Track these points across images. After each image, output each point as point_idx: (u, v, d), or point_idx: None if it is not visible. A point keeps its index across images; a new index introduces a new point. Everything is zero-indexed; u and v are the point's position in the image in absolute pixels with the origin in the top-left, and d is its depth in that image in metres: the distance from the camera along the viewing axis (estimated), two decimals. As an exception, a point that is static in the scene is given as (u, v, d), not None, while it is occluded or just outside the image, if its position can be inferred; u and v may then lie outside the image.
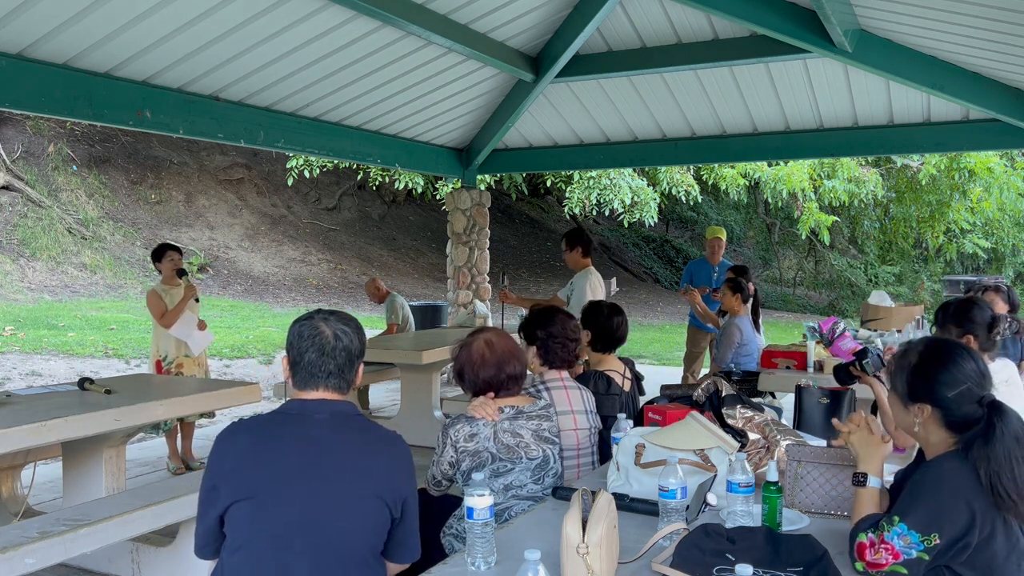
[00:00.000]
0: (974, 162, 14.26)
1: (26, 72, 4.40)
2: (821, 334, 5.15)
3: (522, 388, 2.79)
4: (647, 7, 6.24)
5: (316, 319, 2.04)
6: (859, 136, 7.03)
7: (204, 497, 1.94)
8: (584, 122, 7.76)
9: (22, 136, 16.71)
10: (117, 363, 10.40)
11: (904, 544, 1.76)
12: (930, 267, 21.29)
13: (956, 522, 1.74)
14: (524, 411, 2.68)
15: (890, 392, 2.01)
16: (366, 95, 6.38)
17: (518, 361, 2.74)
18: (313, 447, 1.92)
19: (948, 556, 1.76)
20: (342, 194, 21.51)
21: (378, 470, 1.96)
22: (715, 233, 7.54)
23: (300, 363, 2.01)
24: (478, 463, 2.58)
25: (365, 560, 1.93)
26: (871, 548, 1.82)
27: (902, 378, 1.95)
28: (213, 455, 1.95)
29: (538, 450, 2.64)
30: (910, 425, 1.93)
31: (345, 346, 2.02)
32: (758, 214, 23.26)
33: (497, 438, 2.59)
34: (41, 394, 4.09)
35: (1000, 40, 4.69)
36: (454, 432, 2.59)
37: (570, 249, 5.81)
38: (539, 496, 2.64)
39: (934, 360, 1.91)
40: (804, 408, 3.40)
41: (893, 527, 1.79)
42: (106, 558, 3.86)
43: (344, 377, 2.03)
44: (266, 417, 1.99)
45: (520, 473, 2.60)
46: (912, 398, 1.91)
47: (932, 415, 1.89)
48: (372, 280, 7.87)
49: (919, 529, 1.76)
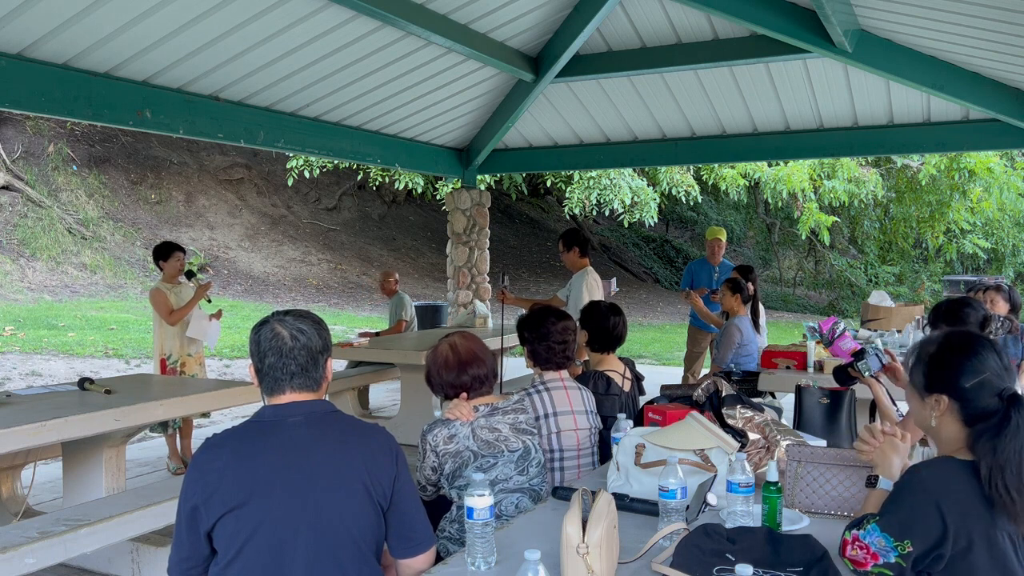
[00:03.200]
0: (974, 162, 14.28)
1: (26, 72, 4.40)
2: (821, 334, 5.14)
3: (492, 389, 2.82)
4: (647, 7, 6.25)
5: (272, 321, 1.99)
6: (859, 136, 7.03)
7: (185, 521, 1.88)
8: (584, 122, 7.76)
9: (22, 136, 16.72)
10: (117, 363, 10.40)
11: (880, 547, 1.75)
12: (930, 267, 21.28)
13: (928, 531, 1.70)
14: (499, 407, 2.72)
15: (908, 387, 1.96)
16: (366, 95, 6.38)
17: (483, 363, 2.77)
18: (293, 450, 1.89)
19: (925, 564, 1.73)
20: (342, 194, 21.52)
21: (360, 464, 1.94)
22: (715, 234, 7.54)
23: (262, 369, 1.97)
24: (460, 463, 2.59)
25: (360, 556, 1.93)
26: (850, 545, 1.81)
27: (920, 369, 1.89)
28: (190, 477, 1.88)
29: (518, 442, 2.68)
30: (927, 420, 1.88)
31: (304, 344, 1.96)
32: (758, 214, 23.26)
33: (476, 436, 2.62)
34: (41, 394, 4.09)
35: (1000, 40, 4.69)
36: (432, 437, 2.61)
37: (567, 250, 5.77)
38: (525, 487, 2.67)
39: (954, 349, 1.85)
40: (804, 408, 3.39)
41: (868, 526, 1.78)
42: (106, 558, 3.86)
43: (309, 375, 1.98)
44: (241, 429, 1.95)
45: (504, 466, 2.63)
46: (929, 388, 1.86)
47: (949, 407, 1.82)
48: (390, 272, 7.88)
49: (892, 533, 1.73)
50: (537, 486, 2.73)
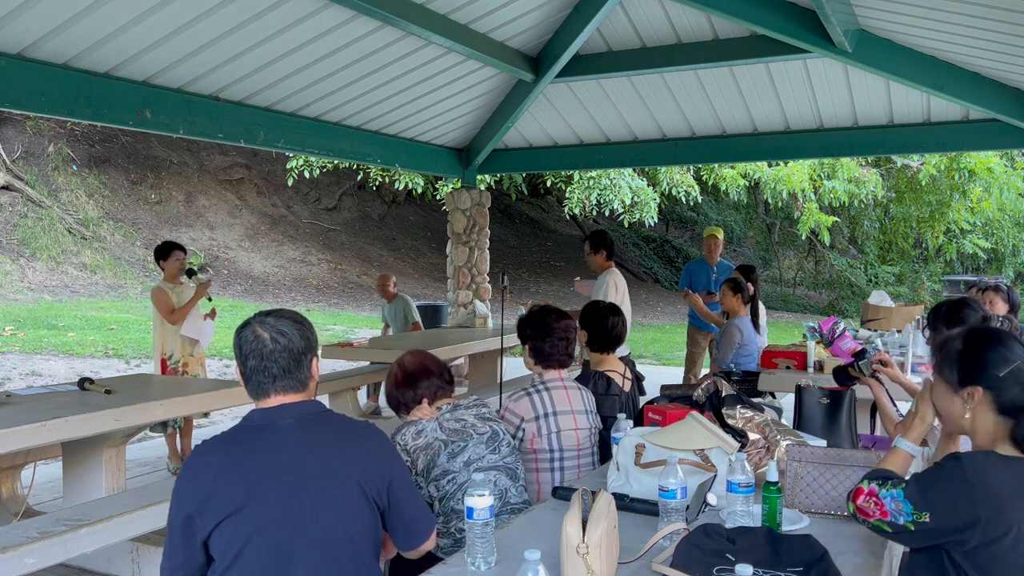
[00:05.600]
0: (974, 162, 14.28)
1: (26, 72, 4.40)
2: (821, 334, 5.14)
3: (451, 395, 2.92)
4: (647, 7, 6.25)
5: (253, 323, 1.96)
6: (859, 136, 7.03)
7: (180, 530, 1.85)
8: (584, 122, 7.76)
9: (22, 136, 16.72)
10: (117, 363, 10.40)
11: (895, 508, 1.79)
12: (930, 267, 21.29)
13: (954, 514, 1.73)
14: (461, 404, 2.84)
15: (934, 385, 2.00)
16: (366, 95, 6.38)
17: (432, 374, 2.87)
18: (286, 453, 1.88)
19: (943, 541, 1.75)
20: (342, 194, 21.52)
21: (354, 463, 1.93)
22: (711, 232, 7.53)
23: (246, 372, 1.95)
24: (432, 454, 2.65)
25: (358, 556, 1.93)
26: (865, 496, 1.86)
27: (951, 365, 1.93)
28: (182, 485, 1.86)
29: (485, 427, 2.77)
30: (959, 415, 1.92)
31: (285, 346, 1.93)
32: (758, 214, 23.26)
33: (443, 427, 2.72)
34: (41, 394, 4.09)
35: (1000, 40, 4.69)
36: (400, 438, 2.68)
37: (594, 252, 5.78)
38: (500, 466, 2.72)
39: (982, 342, 1.91)
40: (804, 408, 3.39)
41: (892, 489, 1.82)
42: (106, 558, 3.86)
43: (293, 377, 1.95)
44: (231, 434, 1.93)
45: (475, 447, 2.71)
46: (963, 382, 1.91)
47: (983, 399, 1.87)
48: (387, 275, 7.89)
49: (913, 502, 1.77)
50: (512, 464, 2.78)
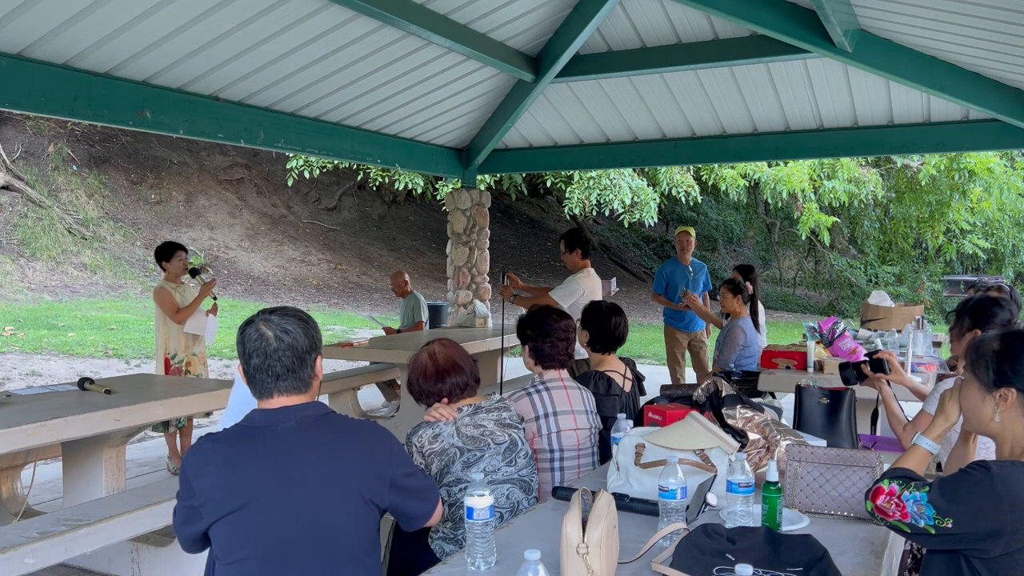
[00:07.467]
0: (974, 162, 14.28)
1: (26, 72, 4.40)
2: (821, 334, 5.14)
3: (474, 393, 2.84)
4: (647, 7, 6.24)
5: (257, 321, 1.94)
6: (859, 136, 7.03)
7: (184, 515, 1.88)
8: (584, 122, 7.75)
9: (22, 136, 16.72)
10: (117, 363, 10.40)
11: (917, 511, 1.77)
12: (930, 267, 21.28)
13: (978, 523, 1.71)
14: (482, 406, 2.74)
15: (965, 384, 1.99)
16: (366, 95, 6.38)
17: (462, 371, 2.78)
18: (285, 455, 1.88)
19: (963, 548, 1.74)
20: (342, 194, 21.52)
21: (354, 466, 1.92)
22: (683, 230, 7.49)
23: (249, 371, 1.93)
24: (447, 461, 2.60)
25: (356, 558, 1.92)
26: (885, 496, 1.84)
27: (985, 366, 1.93)
28: (187, 473, 1.87)
29: (503, 435, 2.70)
30: (988, 417, 1.92)
31: (289, 344, 1.91)
32: (758, 214, 23.24)
33: (460, 433, 2.64)
34: (41, 394, 4.09)
35: (1000, 40, 4.69)
36: (417, 439, 2.63)
37: (569, 251, 5.71)
38: (515, 478, 2.68)
39: (1020, 344, 1.91)
40: (804, 408, 3.39)
41: (915, 492, 1.79)
42: (106, 558, 3.86)
43: (297, 376, 1.94)
44: (233, 433, 1.92)
45: (491, 459, 2.64)
46: (998, 383, 1.90)
47: (1017, 401, 1.87)
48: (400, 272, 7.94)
49: (937, 507, 1.75)
50: (527, 477, 2.73)
